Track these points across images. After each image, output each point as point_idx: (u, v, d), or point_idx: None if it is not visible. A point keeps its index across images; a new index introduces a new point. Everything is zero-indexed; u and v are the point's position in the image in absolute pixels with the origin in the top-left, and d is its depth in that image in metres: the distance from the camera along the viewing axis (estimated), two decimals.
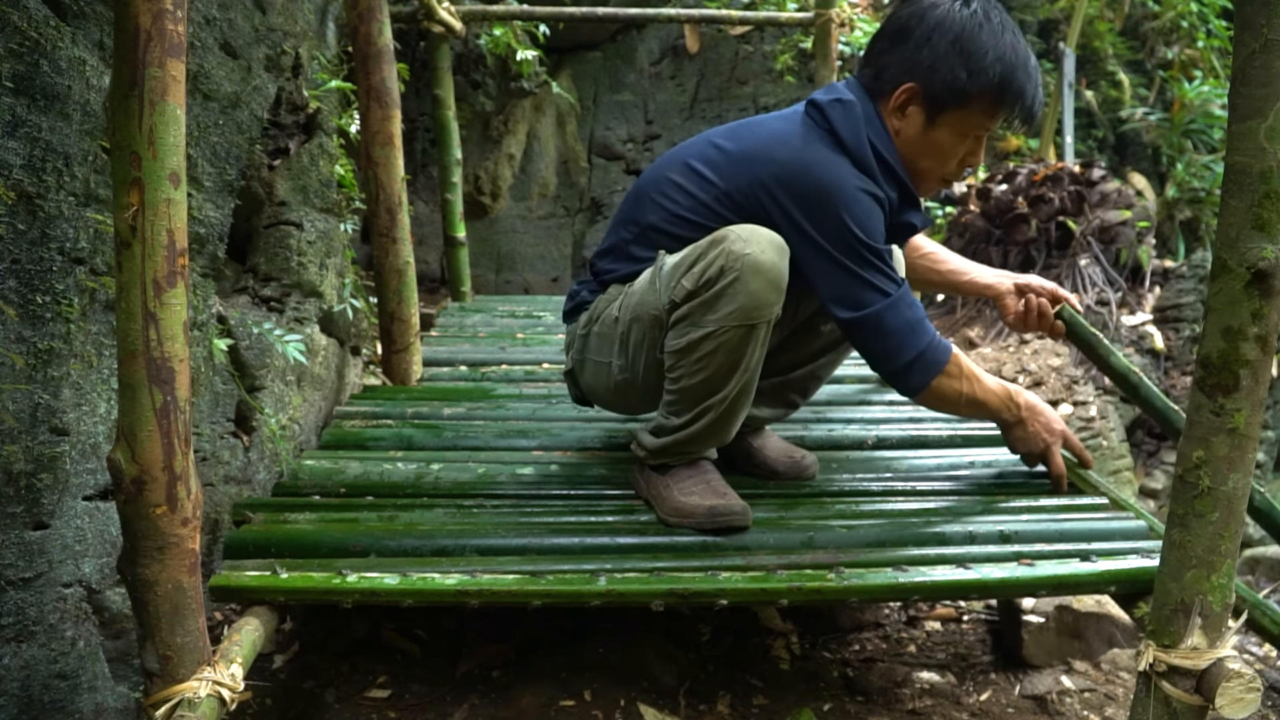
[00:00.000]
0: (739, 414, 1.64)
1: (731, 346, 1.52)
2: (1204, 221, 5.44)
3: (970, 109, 1.60)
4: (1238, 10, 1.04)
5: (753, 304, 1.49)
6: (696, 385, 1.57)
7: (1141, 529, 1.72)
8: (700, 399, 1.59)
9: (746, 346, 1.53)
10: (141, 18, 1.02)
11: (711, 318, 1.50)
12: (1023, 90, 1.59)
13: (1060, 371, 3.83)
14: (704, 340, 1.52)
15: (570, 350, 1.87)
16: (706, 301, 1.51)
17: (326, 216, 2.28)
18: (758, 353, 1.56)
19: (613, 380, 1.75)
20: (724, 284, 1.48)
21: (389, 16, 2.55)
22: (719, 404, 1.58)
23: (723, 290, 1.49)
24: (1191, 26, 6.38)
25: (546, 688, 1.69)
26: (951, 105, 1.59)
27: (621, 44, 5.26)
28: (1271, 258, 1.04)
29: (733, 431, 1.69)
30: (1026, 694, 1.78)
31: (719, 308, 1.50)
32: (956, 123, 1.61)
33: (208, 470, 1.76)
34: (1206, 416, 1.11)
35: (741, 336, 1.51)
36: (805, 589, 1.48)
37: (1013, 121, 1.64)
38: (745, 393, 1.60)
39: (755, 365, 1.57)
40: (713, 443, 1.69)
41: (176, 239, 1.08)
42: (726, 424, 1.64)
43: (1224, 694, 1.16)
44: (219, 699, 1.19)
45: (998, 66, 1.56)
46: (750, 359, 1.55)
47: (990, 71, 1.56)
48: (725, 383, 1.56)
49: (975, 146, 1.67)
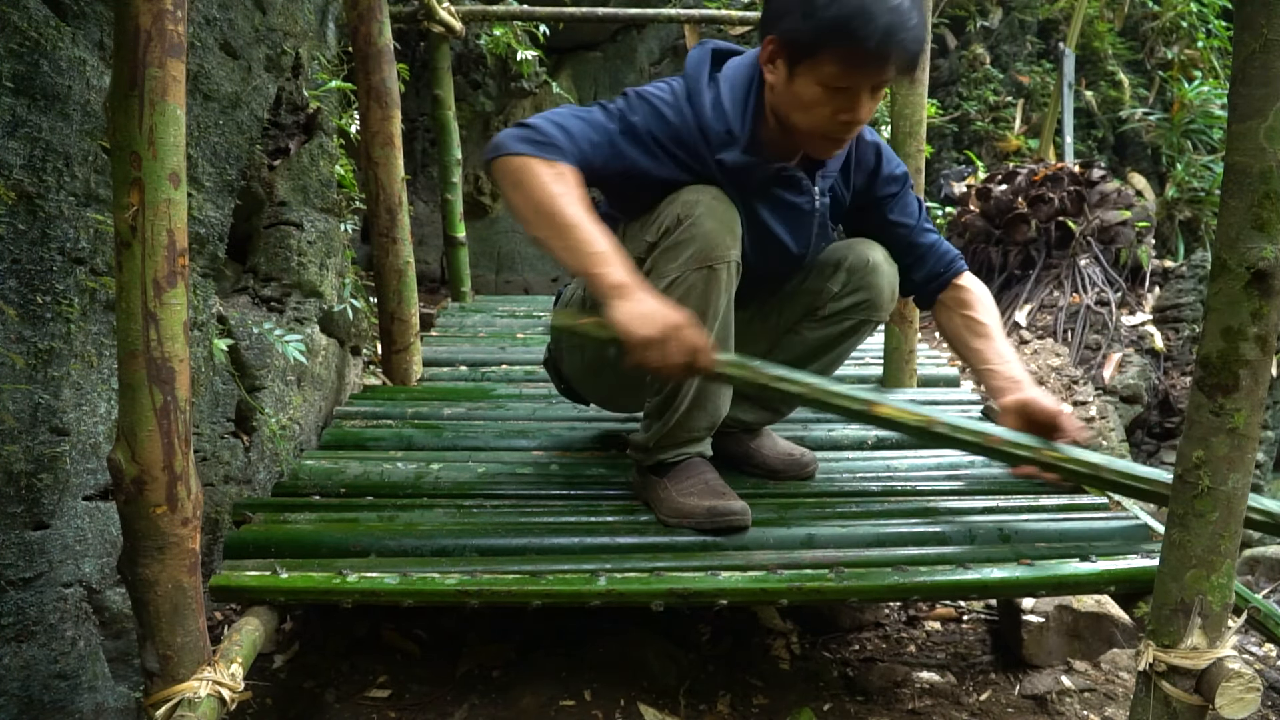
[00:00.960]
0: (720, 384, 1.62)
1: (698, 293, 1.53)
2: (1204, 221, 5.44)
3: (819, 58, 1.46)
4: (1238, 10, 1.04)
5: (709, 244, 1.52)
6: None
7: (1141, 529, 1.72)
8: None
9: (710, 291, 1.54)
10: (141, 18, 1.02)
11: (673, 265, 1.53)
12: (864, 32, 1.40)
13: (1060, 371, 3.83)
14: (669, 289, 1.52)
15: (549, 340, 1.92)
16: (666, 249, 1.54)
17: (326, 216, 2.28)
18: (723, 300, 1.56)
19: (585, 361, 1.78)
20: (680, 230, 1.53)
21: (389, 16, 2.55)
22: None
23: (679, 237, 1.53)
24: (1191, 26, 6.38)
25: (546, 688, 1.69)
26: (802, 56, 1.47)
27: (621, 44, 5.26)
28: (1271, 258, 1.04)
29: (720, 409, 1.67)
30: (1026, 694, 1.78)
31: (678, 254, 1.53)
32: (811, 73, 1.48)
33: (208, 470, 1.76)
34: (1206, 416, 1.11)
35: (704, 280, 1.53)
36: (805, 589, 1.48)
37: (874, 69, 1.45)
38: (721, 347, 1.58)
39: (724, 317, 1.57)
40: (701, 424, 1.67)
41: (176, 239, 1.08)
42: (710, 397, 1.63)
43: (1224, 694, 1.16)
44: (219, 699, 1.19)
45: (832, 9, 1.41)
46: (717, 305, 1.55)
47: (824, 14, 1.42)
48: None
49: (848, 102, 1.49)
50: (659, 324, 1.35)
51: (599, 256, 1.38)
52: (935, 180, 5.77)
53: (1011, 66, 6.59)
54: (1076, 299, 4.43)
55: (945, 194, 5.67)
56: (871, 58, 1.43)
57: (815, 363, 1.88)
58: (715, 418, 1.69)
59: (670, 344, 1.36)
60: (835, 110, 1.50)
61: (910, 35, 1.43)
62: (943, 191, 5.71)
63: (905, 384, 2.65)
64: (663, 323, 1.36)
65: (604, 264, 1.38)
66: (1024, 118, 6.43)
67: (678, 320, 1.37)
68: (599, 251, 1.38)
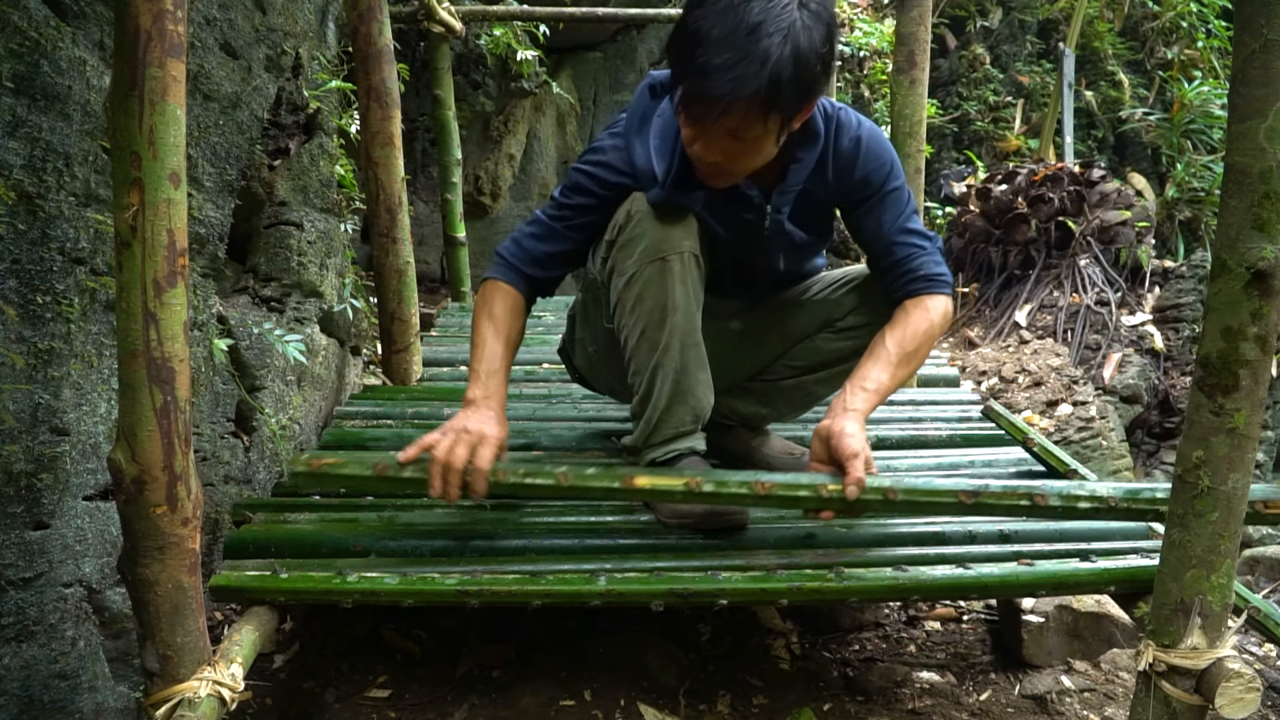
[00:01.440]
0: (692, 372, 1.61)
1: (655, 286, 1.56)
2: (1204, 221, 5.44)
3: (675, 75, 1.44)
4: (1238, 10, 1.04)
5: (659, 236, 1.55)
6: (639, 342, 1.60)
7: (1141, 529, 1.72)
8: (648, 356, 1.60)
9: (666, 283, 1.56)
10: (142, 18, 1.02)
11: (629, 261, 1.57)
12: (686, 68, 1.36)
13: (1060, 371, 3.83)
14: (629, 286, 1.58)
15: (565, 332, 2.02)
16: (622, 246, 1.58)
17: (326, 216, 2.28)
18: (680, 291, 1.57)
19: (587, 355, 1.87)
20: (630, 226, 1.57)
21: (389, 16, 2.55)
22: (665, 358, 1.58)
23: (631, 233, 1.57)
24: (1191, 26, 6.39)
25: (546, 688, 1.69)
26: (673, 69, 1.46)
27: (621, 44, 5.26)
28: (1271, 258, 1.04)
29: (703, 401, 1.64)
30: (1026, 694, 1.78)
31: (633, 250, 1.56)
32: (677, 94, 1.45)
33: (208, 470, 1.76)
34: (1206, 416, 1.11)
35: (658, 272, 1.55)
36: (805, 589, 1.48)
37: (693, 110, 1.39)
38: (686, 343, 1.59)
39: (685, 306, 1.58)
40: (685, 417, 1.63)
41: (176, 239, 1.08)
42: (686, 384, 1.61)
43: (1224, 694, 1.16)
44: (219, 699, 1.19)
45: (675, 38, 1.39)
46: (674, 296, 1.56)
47: (674, 39, 1.40)
48: (661, 330, 1.57)
49: (697, 134, 1.44)
50: (459, 422, 1.50)
51: (472, 372, 1.60)
52: (935, 180, 5.77)
53: (1011, 66, 6.59)
54: (1076, 299, 4.43)
55: (945, 194, 5.67)
56: (698, 94, 1.37)
57: (826, 371, 1.88)
58: (699, 410, 1.65)
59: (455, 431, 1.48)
60: (691, 138, 1.46)
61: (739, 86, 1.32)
62: (943, 191, 5.71)
63: (905, 384, 2.65)
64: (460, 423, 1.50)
65: (473, 382, 1.58)
66: (1024, 118, 6.44)
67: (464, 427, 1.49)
68: (474, 369, 1.60)
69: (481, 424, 1.49)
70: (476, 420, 1.50)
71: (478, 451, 1.45)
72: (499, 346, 1.61)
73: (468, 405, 1.55)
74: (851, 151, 1.64)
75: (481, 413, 1.52)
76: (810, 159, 1.61)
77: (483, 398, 1.55)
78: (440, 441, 1.46)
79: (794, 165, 1.61)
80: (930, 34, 2.54)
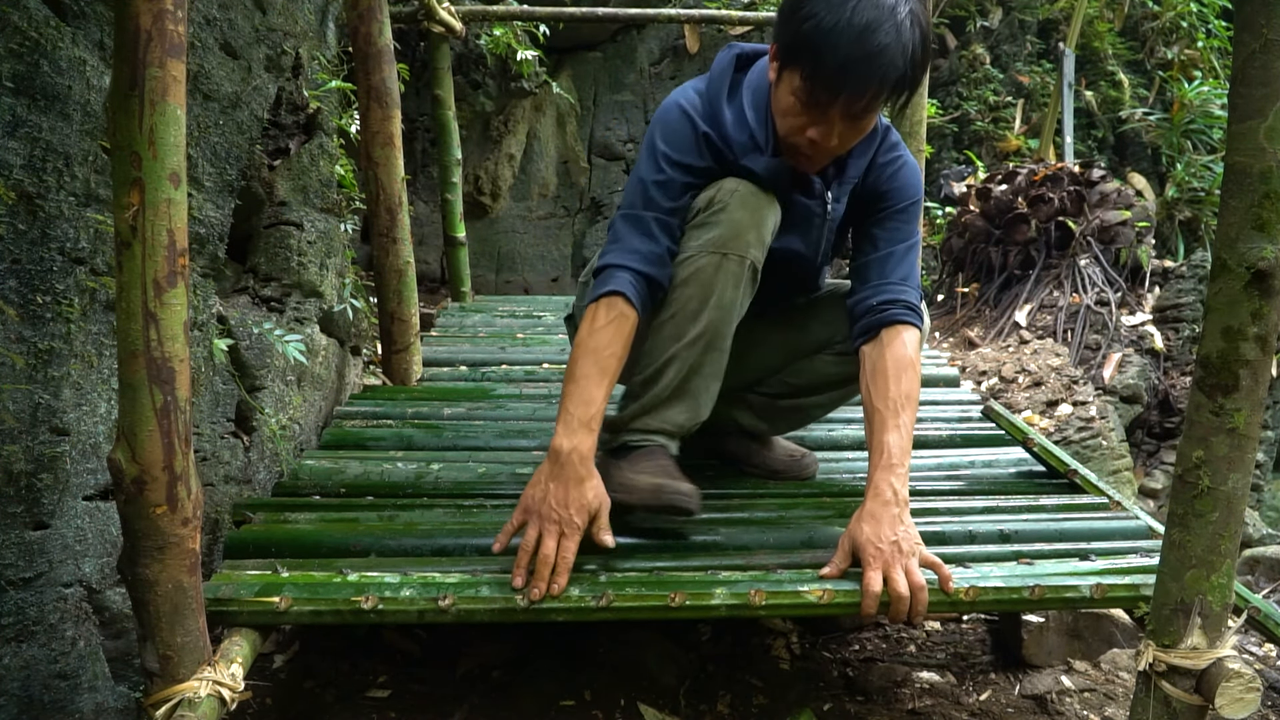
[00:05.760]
0: (706, 375, 1.56)
1: (703, 277, 1.52)
2: (1204, 221, 5.44)
3: (791, 69, 1.44)
4: (1238, 10, 1.04)
5: (731, 232, 1.51)
6: (664, 324, 1.54)
7: (1142, 529, 1.72)
8: (668, 343, 1.54)
9: (716, 280, 1.52)
10: (142, 18, 1.02)
11: (693, 244, 1.53)
12: (823, 58, 1.37)
13: (1060, 371, 3.83)
14: (680, 265, 1.53)
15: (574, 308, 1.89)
16: (695, 227, 1.54)
17: (326, 216, 2.28)
18: (729, 294, 1.53)
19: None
20: (709, 212, 1.53)
21: (389, 16, 2.55)
22: (686, 350, 1.53)
23: (707, 218, 1.53)
24: (1191, 26, 6.38)
25: (546, 688, 1.69)
26: (783, 62, 1.46)
27: (621, 44, 5.26)
28: (1271, 258, 1.04)
29: (701, 410, 1.59)
30: (1026, 694, 1.78)
31: (701, 234, 1.53)
32: (787, 82, 1.46)
33: (208, 470, 1.76)
34: (1206, 416, 1.11)
35: (714, 266, 1.51)
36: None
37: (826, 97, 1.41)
38: (712, 345, 1.54)
39: (726, 308, 1.53)
40: (679, 418, 1.58)
41: (177, 239, 1.08)
42: (696, 386, 1.56)
43: (1224, 694, 1.16)
44: (219, 699, 1.19)
45: (807, 24, 1.38)
46: (721, 296, 1.52)
47: (799, 26, 1.39)
48: (692, 323, 1.52)
49: (818, 122, 1.45)
50: (543, 494, 1.40)
51: (564, 414, 1.44)
52: (935, 180, 5.77)
53: (1011, 66, 6.59)
54: (1076, 299, 4.43)
55: (945, 194, 5.67)
56: (824, 85, 1.39)
57: (824, 395, 1.86)
58: (695, 416, 1.60)
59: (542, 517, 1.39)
60: (805, 125, 1.47)
61: (873, 74, 1.37)
62: (943, 191, 5.71)
63: None
64: (546, 496, 1.39)
65: (561, 422, 1.44)
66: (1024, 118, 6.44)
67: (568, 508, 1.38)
68: (567, 410, 1.44)
69: (569, 491, 1.38)
70: (563, 486, 1.39)
71: (563, 544, 1.37)
72: (601, 392, 1.45)
73: (554, 458, 1.41)
74: (893, 164, 1.67)
75: (570, 472, 1.39)
76: (866, 156, 1.64)
77: (575, 449, 1.41)
78: (528, 532, 1.39)
79: (851, 160, 1.63)
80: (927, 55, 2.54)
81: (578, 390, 1.44)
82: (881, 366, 1.58)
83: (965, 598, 1.45)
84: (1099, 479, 1.93)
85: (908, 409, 1.55)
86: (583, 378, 1.45)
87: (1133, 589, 1.48)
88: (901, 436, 1.52)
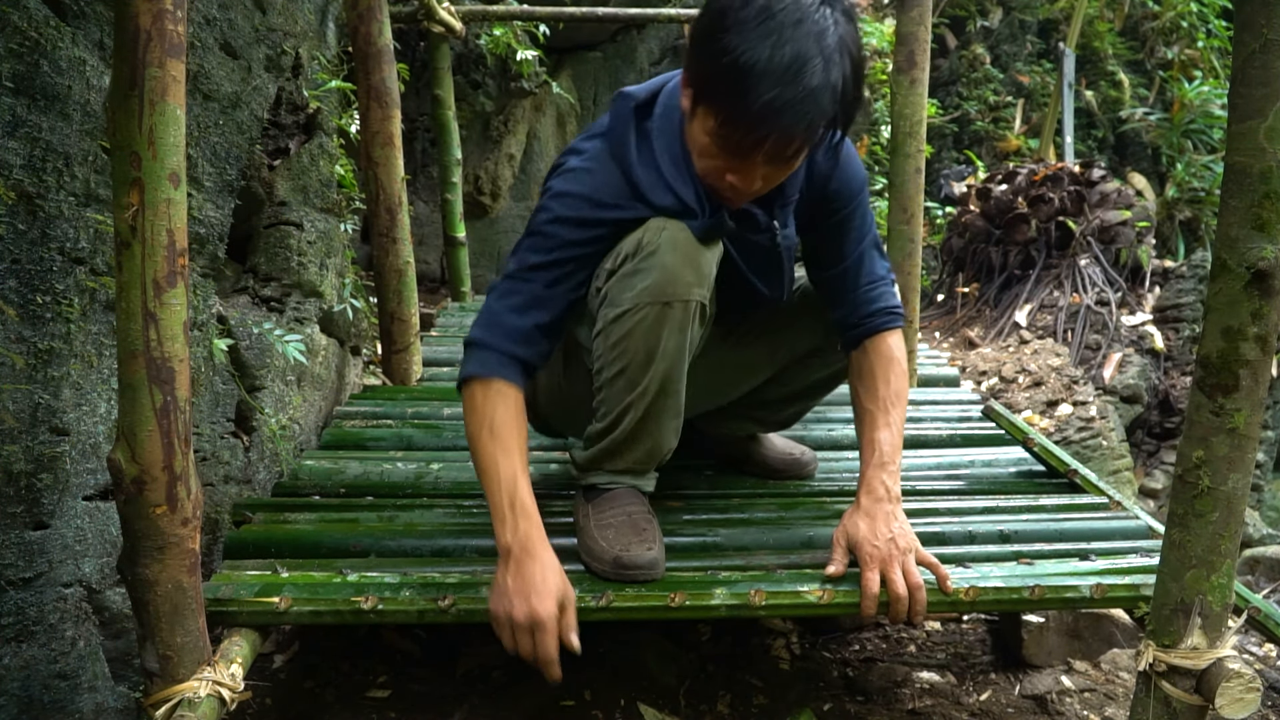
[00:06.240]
0: (663, 419, 1.49)
1: (647, 328, 1.40)
2: (1204, 221, 5.44)
3: (708, 107, 1.28)
4: (1238, 10, 1.04)
5: (667, 279, 1.38)
6: (616, 377, 1.45)
7: (1141, 528, 1.72)
8: (621, 395, 1.46)
9: (660, 330, 1.40)
10: (141, 18, 1.02)
11: (628, 295, 1.40)
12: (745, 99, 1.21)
13: (1060, 371, 3.83)
14: (620, 320, 1.41)
15: None
16: (623, 277, 1.41)
17: (326, 216, 2.28)
18: (674, 341, 1.42)
19: (551, 386, 1.68)
20: (639, 258, 1.40)
21: (389, 16, 2.55)
22: (639, 400, 1.45)
23: (637, 265, 1.40)
24: (1191, 26, 6.39)
25: (546, 688, 1.69)
26: (699, 96, 1.29)
27: (621, 44, 5.27)
28: (1271, 258, 1.04)
29: (664, 444, 1.53)
30: (1026, 694, 1.78)
31: (633, 284, 1.40)
32: (703, 121, 1.30)
33: (208, 470, 1.76)
34: (1206, 416, 1.11)
35: (656, 317, 1.39)
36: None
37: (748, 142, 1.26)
38: (666, 392, 1.46)
39: (674, 356, 1.43)
40: (640, 453, 1.52)
41: (176, 239, 1.08)
42: (650, 429, 1.49)
43: (1224, 694, 1.16)
44: (219, 699, 1.19)
45: (726, 57, 1.22)
46: (667, 345, 1.41)
47: (719, 58, 1.23)
48: (643, 373, 1.43)
49: (734, 166, 1.31)
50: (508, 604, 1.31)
51: (493, 509, 1.37)
52: (935, 180, 5.77)
53: (1011, 66, 6.59)
54: (1076, 299, 4.43)
55: (945, 194, 5.67)
56: (745, 130, 1.24)
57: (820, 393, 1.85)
58: (658, 451, 1.53)
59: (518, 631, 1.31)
60: (723, 169, 1.33)
61: (799, 119, 1.23)
62: (943, 191, 5.71)
63: None
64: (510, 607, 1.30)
65: (494, 519, 1.36)
66: (1024, 118, 6.44)
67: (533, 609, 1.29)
68: (493, 504, 1.37)
69: (531, 591, 1.29)
70: (522, 585, 1.30)
71: (539, 640, 1.30)
72: (513, 465, 1.38)
73: (505, 558, 1.33)
74: (832, 161, 1.55)
75: (525, 568, 1.31)
76: (801, 169, 1.49)
77: (519, 542, 1.33)
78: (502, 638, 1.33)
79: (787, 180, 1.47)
80: (930, 34, 2.54)
81: (493, 476, 1.37)
82: (869, 368, 1.58)
83: (965, 598, 1.45)
84: (1099, 479, 1.93)
85: (898, 406, 1.56)
86: (491, 462, 1.38)
87: (1133, 589, 1.49)
88: (893, 434, 1.53)
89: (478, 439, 1.41)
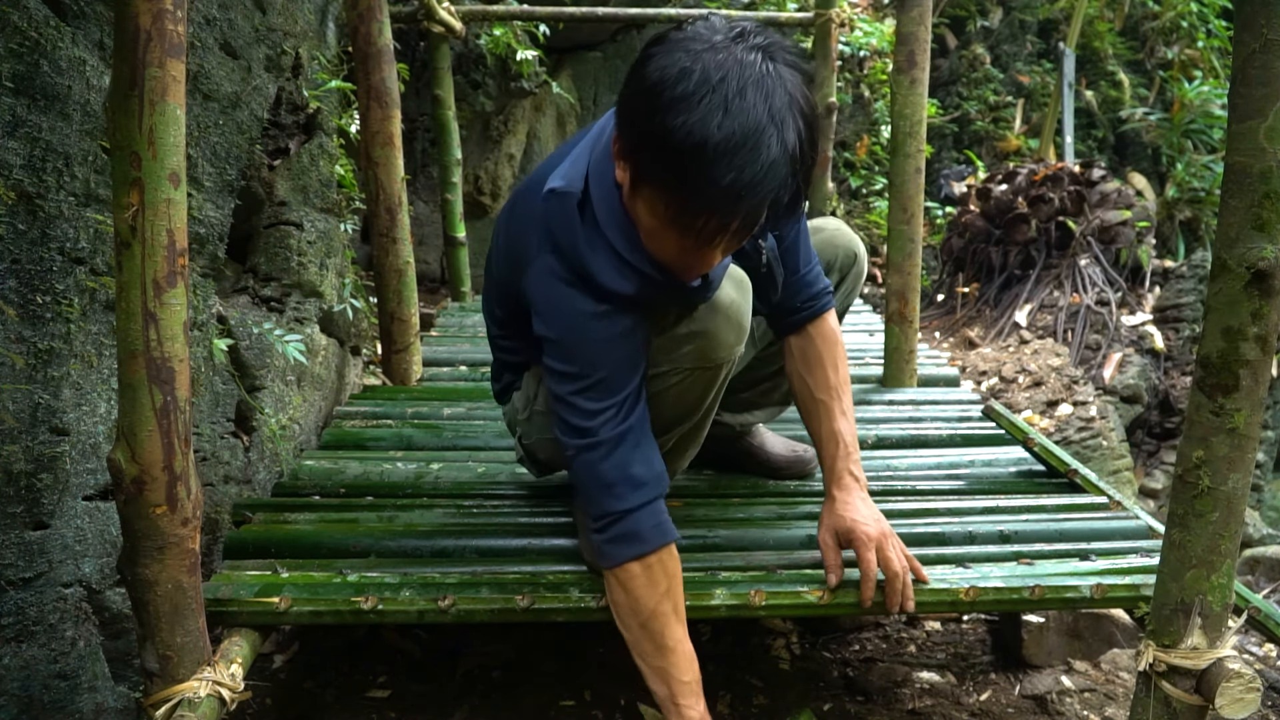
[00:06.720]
0: (686, 453, 1.56)
1: (695, 393, 1.39)
2: (1204, 221, 5.44)
3: (654, 186, 1.15)
4: (1238, 10, 1.04)
5: (715, 341, 1.35)
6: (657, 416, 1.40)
7: (1141, 528, 1.72)
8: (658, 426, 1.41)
9: (707, 391, 1.41)
10: (141, 18, 1.02)
11: (670, 356, 1.35)
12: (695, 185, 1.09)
13: (1060, 371, 3.83)
14: (660, 379, 1.38)
15: (516, 433, 1.69)
16: (670, 336, 1.35)
17: (326, 216, 2.28)
18: (715, 392, 1.43)
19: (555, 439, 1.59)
20: (685, 321, 1.34)
21: (389, 16, 2.55)
22: (663, 444, 1.44)
23: (686, 328, 1.34)
24: (1191, 26, 6.39)
25: (546, 688, 1.69)
26: (641, 173, 1.16)
27: (621, 44, 5.26)
28: (1271, 258, 1.04)
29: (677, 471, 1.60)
30: (1026, 694, 1.78)
31: (679, 345, 1.35)
32: (649, 201, 1.17)
33: (208, 470, 1.76)
34: (1206, 416, 1.11)
35: (704, 380, 1.39)
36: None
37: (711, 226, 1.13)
38: (699, 427, 1.50)
39: (714, 401, 1.46)
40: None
41: (176, 239, 1.08)
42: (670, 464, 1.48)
43: (1224, 694, 1.16)
44: (219, 699, 1.19)
45: (673, 138, 1.08)
46: (703, 404, 1.43)
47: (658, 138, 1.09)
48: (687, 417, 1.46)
49: (690, 248, 1.18)
50: None
51: (677, 685, 1.32)
52: (935, 180, 5.78)
53: (1011, 66, 6.59)
54: (1076, 299, 4.43)
55: (945, 194, 5.67)
56: (702, 213, 1.12)
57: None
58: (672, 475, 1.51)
59: None
60: (678, 251, 1.21)
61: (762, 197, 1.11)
62: (943, 191, 5.72)
63: (905, 384, 2.65)
64: None
65: (676, 692, 1.32)
66: (1024, 118, 6.44)
67: None
68: (676, 680, 1.32)
69: None
70: None
71: None
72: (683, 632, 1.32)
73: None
74: None
75: None
76: None
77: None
78: None
79: None
80: (930, 34, 2.54)
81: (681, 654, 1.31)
82: (815, 355, 1.56)
83: (965, 598, 1.46)
84: (1099, 479, 1.93)
85: (847, 390, 1.57)
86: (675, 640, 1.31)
87: (1133, 589, 1.49)
88: (849, 421, 1.54)
89: (655, 616, 1.31)
